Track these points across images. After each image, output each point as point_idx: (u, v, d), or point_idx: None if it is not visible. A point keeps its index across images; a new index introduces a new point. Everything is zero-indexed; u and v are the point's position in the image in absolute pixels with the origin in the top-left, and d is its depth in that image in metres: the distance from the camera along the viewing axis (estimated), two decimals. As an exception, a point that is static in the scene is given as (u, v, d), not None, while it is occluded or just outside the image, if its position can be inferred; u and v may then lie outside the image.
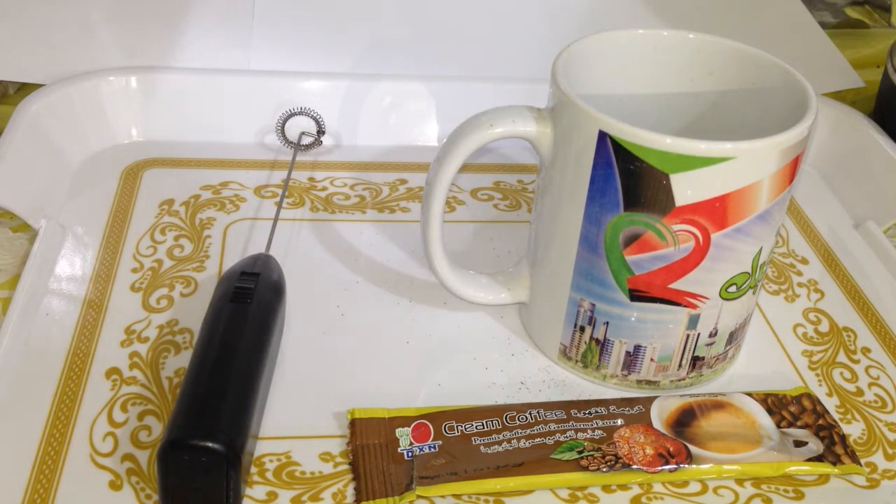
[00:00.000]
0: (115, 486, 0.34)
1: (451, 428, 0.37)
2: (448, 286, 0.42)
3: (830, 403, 0.41)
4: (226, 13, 0.57)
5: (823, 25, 0.64)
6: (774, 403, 0.39)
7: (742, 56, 0.41)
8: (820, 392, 0.41)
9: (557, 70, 0.38)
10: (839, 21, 0.72)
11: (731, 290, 0.38)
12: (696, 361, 0.40)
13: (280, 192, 0.50)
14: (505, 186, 0.53)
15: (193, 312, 0.42)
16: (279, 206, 0.46)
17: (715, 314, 0.38)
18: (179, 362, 0.40)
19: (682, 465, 0.36)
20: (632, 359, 0.39)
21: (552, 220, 0.39)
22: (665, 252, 0.36)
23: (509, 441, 0.36)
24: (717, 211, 0.35)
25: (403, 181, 0.52)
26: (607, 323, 0.39)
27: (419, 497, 0.34)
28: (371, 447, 0.36)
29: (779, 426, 0.38)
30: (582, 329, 0.39)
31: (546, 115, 0.38)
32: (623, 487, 0.36)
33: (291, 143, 0.52)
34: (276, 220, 0.45)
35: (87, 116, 0.52)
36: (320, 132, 0.53)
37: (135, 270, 0.44)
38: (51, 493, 0.34)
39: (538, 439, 0.36)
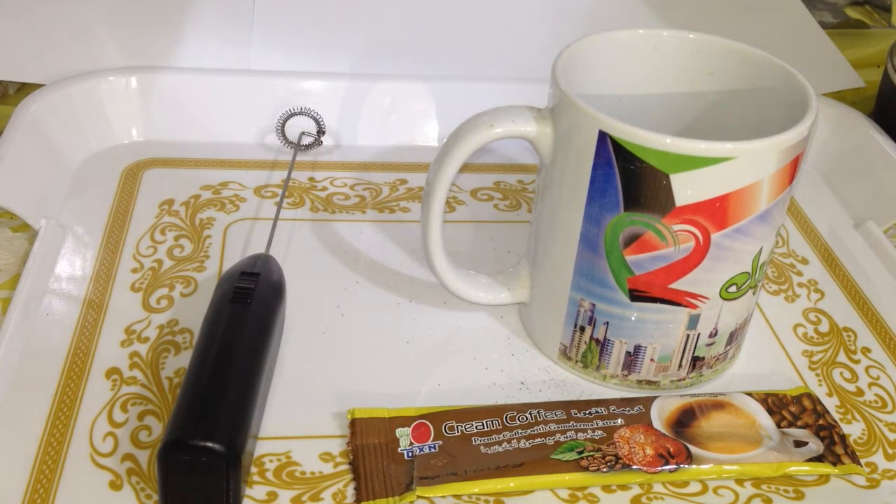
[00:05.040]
0: (115, 486, 0.35)
1: (452, 428, 0.37)
2: (448, 286, 0.42)
3: (830, 403, 0.41)
4: (226, 13, 0.57)
5: (823, 25, 0.64)
6: (774, 403, 0.39)
7: (742, 56, 0.41)
8: (820, 392, 0.41)
9: (557, 70, 0.38)
10: (839, 21, 0.72)
11: (732, 290, 0.38)
12: (696, 361, 0.40)
13: (280, 192, 0.50)
14: (505, 186, 0.53)
15: (193, 312, 0.42)
16: (279, 206, 0.46)
17: (715, 314, 0.38)
18: (179, 362, 0.40)
19: (682, 466, 0.36)
20: (632, 359, 0.39)
21: (552, 220, 0.39)
22: (665, 252, 0.36)
23: (509, 441, 0.36)
24: (717, 211, 0.35)
25: (403, 181, 0.52)
26: (607, 323, 0.39)
27: (419, 497, 0.34)
28: (371, 447, 0.36)
29: (779, 426, 0.38)
30: (582, 329, 0.39)
31: (546, 115, 0.38)
32: (623, 488, 0.36)
33: (291, 143, 0.52)
34: (276, 220, 0.45)
35: (87, 116, 0.52)
36: (320, 132, 0.53)
37: (135, 270, 0.44)
38: (51, 493, 0.34)
39: (538, 439, 0.36)
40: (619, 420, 0.37)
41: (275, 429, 0.37)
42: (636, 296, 0.37)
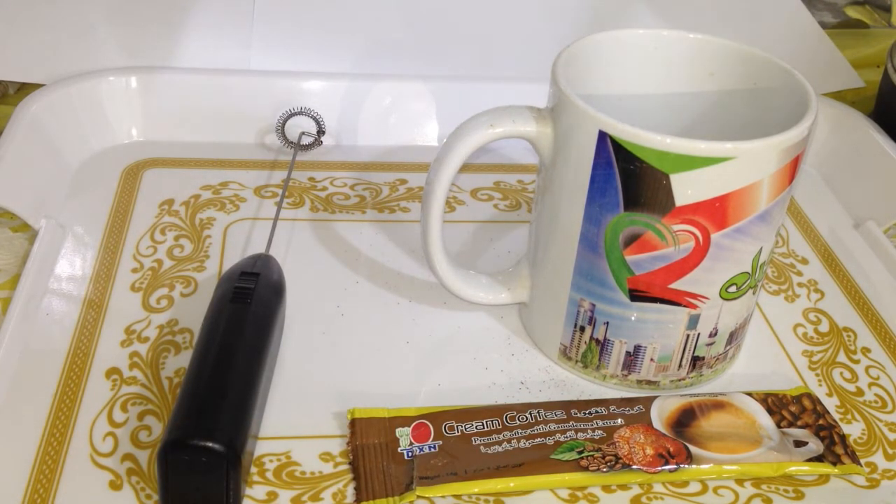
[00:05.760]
0: (115, 486, 0.35)
1: (451, 428, 0.37)
2: (448, 286, 0.42)
3: (830, 403, 0.41)
4: (226, 13, 0.57)
5: (823, 25, 0.64)
6: (774, 403, 0.39)
7: (742, 56, 0.41)
8: (820, 392, 0.41)
9: (557, 70, 0.38)
10: (839, 21, 0.72)
11: (731, 290, 0.38)
12: (696, 361, 0.40)
13: (280, 192, 0.50)
14: (505, 186, 0.53)
15: (193, 312, 0.42)
16: (279, 206, 0.46)
17: (715, 314, 0.38)
18: (179, 362, 0.40)
19: (682, 466, 0.36)
20: (632, 359, 0.39)
21: (552, 220, 0.39)
22: (665, 252, 0.36)
23: (509, 441, 0.36)
24: (717, 211, 0.35)
25: (403, 181, 0.52)
26: (607, 323, 0.39)
27: (419, 497, 0.34)
28: (371, 447, 0.36)
29: (779, 426, 0.38)
30: (582, 329, 0.39)
31: (546, 115, 0.38)
32: (623, 487, 0.36)
33: (291, 143, 0.52)
34: (276, 220, 0.45)
35: (87, 116, 0.52)
36: (320, 132, 0.53)
37: (135, 270, 0.44)
38: (51, 493, 0.34)
39: (538, 439, 0.36)
40: (619, 420, 0.37)
41: (275, 429, 0.37)
42: (636, 296, 0.37)
